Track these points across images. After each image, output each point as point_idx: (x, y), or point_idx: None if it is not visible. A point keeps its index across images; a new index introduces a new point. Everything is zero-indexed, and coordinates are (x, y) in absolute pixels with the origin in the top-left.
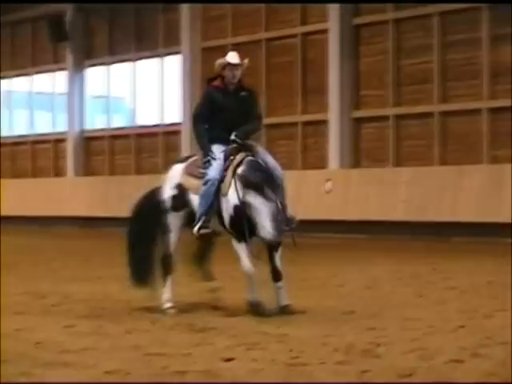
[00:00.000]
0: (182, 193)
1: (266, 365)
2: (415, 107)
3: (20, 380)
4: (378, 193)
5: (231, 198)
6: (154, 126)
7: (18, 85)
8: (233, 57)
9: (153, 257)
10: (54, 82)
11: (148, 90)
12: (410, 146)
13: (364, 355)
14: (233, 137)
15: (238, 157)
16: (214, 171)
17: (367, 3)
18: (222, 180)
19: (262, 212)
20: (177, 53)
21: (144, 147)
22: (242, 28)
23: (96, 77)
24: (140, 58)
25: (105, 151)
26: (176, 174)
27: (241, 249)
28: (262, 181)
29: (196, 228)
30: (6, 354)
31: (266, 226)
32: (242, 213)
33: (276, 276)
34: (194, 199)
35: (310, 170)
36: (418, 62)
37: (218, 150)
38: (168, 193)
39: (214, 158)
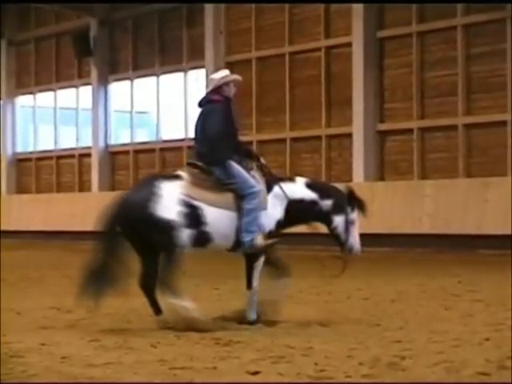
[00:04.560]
0: (192, 208)
1: (291, 378)
2: (439, 120)
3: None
4: (402, 206)
5: (272, 212)
6: (178, 140)
7: (43, 100)
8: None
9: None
10: (78, 97)
11: (172, 104)
12: (435, 158)
13: (390, 368)
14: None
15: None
16: (258, 183)
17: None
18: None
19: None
20: (201, 67)
21: (168, 161)
22: (266, 42)
23: (120, 91)
24: (164, 73)
25: (129, 166)
26: (175, 189)
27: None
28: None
29: (260, 240)
30: (33, 368)
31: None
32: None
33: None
34: (210, 213)
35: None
36: (443, 75)
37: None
38: (174, 209)
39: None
